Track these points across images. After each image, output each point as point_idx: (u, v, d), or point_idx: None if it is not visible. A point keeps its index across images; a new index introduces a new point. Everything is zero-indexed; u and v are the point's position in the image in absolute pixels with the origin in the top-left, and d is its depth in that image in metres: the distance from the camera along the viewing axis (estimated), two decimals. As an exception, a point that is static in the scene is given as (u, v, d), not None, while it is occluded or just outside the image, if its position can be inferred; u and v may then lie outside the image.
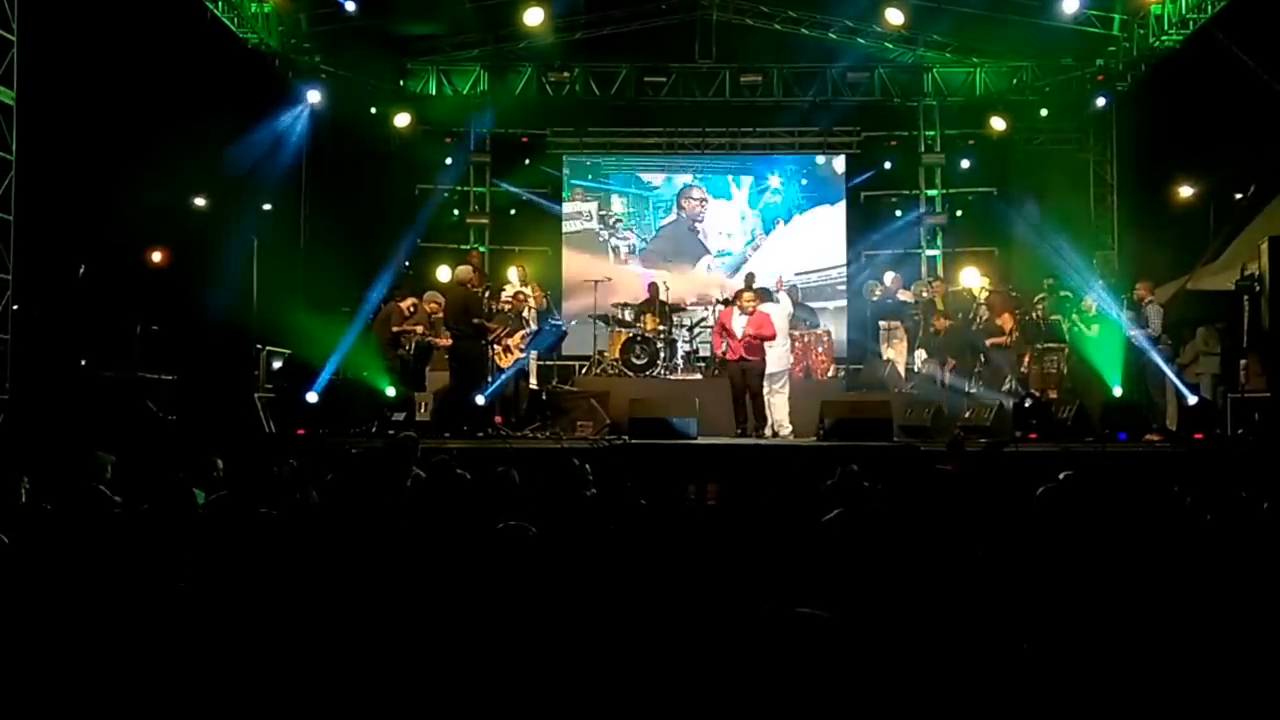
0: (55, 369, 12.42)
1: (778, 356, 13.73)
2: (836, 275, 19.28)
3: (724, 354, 13.49)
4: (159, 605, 3.86)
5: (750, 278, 15.33)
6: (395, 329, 13.43)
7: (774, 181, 19.67)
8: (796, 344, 15.06)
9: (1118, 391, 13.01)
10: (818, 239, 19.49)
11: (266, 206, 16.34)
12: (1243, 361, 12.85)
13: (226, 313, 14.05)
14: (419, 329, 13.57)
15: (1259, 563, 4.67)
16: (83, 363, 12.74)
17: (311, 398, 12.61)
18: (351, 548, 4.88)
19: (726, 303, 14.94)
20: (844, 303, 18.93)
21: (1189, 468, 9.54)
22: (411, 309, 13.64)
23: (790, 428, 13.60)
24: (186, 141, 14.09)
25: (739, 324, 13.29)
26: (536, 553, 4.30)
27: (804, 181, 19.67)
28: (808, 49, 18.63)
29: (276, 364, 14.08)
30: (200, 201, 15.52)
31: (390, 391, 13.09)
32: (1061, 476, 6.29)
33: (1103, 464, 9.38)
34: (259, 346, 13.96)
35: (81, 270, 13.02)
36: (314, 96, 16.84)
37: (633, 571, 4.48)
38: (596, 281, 17.04)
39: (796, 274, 18.43)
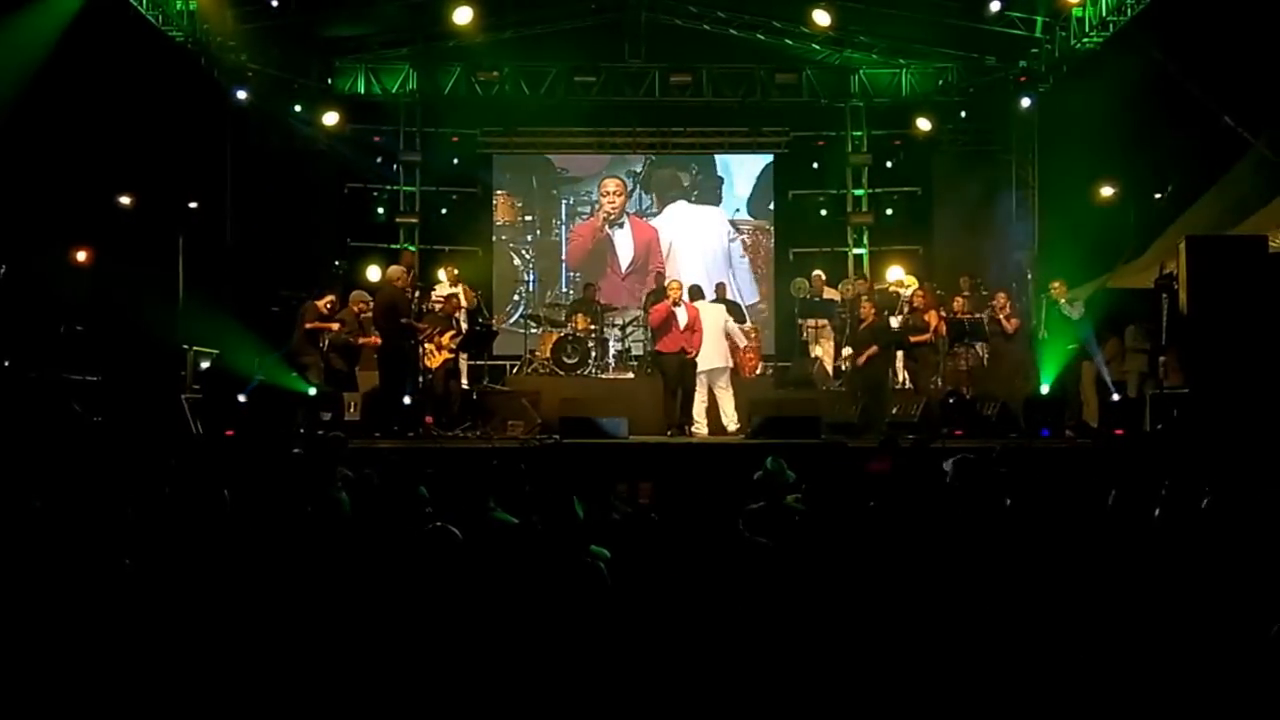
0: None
1: (721, 353, 13.78)
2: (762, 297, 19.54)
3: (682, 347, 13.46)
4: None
5: (660, 277, 15.41)
6: (307, 325, 13.22)
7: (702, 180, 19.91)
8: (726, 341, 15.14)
9: (1045, 388, 13.26)
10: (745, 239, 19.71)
11: (192, 205, 16.16)
12: (1161, 358, 13.12)
13: (152, 312, 13.86)
14: (334, 326, 13.34)
15: (1181, 557, 4.79)
16: (5, 363, 12.52)
17: (243, 398, 12.51)
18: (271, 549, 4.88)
19: (654, 297, 15.12)
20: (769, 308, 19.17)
21: (1111, 464, 9.73)
22: (329, 306, 13.43)
23: (737, 423, 13.63)
24: (110, 139, 13.90)
25: (682, 317, 13.38)
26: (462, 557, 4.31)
27: (734, 181, 19.87)
28: (737, 49, 18.75)
29: (204, 364, 13.92)
30: (124, 200, 15.32)
31: (311, 391, 12.95)
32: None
33: (1029, 460, 9.54)
34: (185, 347, 13.80)
35: (2, 269, 12.77)
36: (240, 94, 16.69)
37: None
38: (526, 281, 17.08)
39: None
